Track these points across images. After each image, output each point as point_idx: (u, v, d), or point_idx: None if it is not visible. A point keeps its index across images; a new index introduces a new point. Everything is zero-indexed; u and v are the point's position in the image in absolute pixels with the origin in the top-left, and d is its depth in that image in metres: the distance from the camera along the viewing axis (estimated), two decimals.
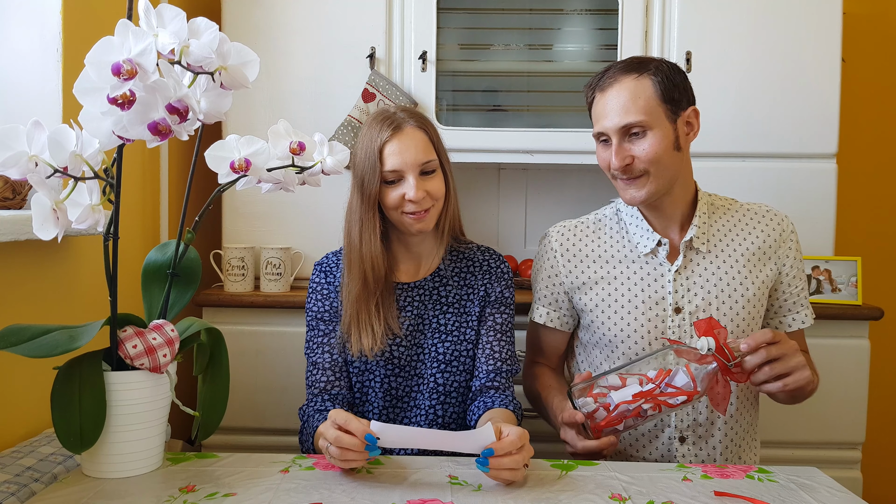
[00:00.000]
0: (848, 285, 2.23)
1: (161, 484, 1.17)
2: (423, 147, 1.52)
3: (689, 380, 1.35)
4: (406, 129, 1.52)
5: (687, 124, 1.56)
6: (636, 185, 1.55)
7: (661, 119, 1.51)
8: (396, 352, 1.56)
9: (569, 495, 1.15)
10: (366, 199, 1.54)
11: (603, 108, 1.55)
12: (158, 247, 1.30)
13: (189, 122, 1.00)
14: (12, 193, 1.45)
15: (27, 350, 1.06)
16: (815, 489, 1.21)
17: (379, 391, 1.57)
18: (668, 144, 1.51)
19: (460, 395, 1.58)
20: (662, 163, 1.52)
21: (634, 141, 1.52)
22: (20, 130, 0.96)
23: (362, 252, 1.54)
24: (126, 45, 0.94)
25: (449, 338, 1.58)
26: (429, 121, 1.59)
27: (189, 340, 1.29)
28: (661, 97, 1.51)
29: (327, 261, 1.66)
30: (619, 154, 1.52)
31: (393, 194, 1.52)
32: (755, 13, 2.27)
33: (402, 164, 1.50)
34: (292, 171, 1.24)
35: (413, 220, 1.52)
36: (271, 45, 2.29)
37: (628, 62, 1.55)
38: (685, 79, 1.56)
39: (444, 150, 1.60)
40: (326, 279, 1.63)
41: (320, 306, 1.60)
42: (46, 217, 0.97)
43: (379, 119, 1.55)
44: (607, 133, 1.54)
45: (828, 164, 2.30)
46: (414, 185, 1.49)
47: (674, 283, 1.59)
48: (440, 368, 1.56)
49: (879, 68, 2.77)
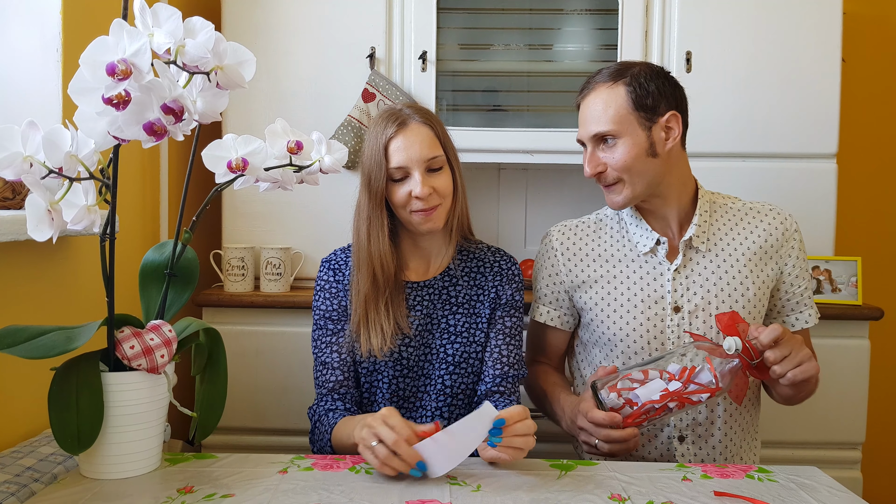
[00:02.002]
0: (848, 285, 2.23)
1: (159, 485, 1.17)
2: (428, 143, 1.51)
3: (713, 377, 1.36)
4: (411, 125, 1.52)
5: (666, 129, 1.56)
6: (613, 191, 1.59)
7: (632, 127, 1.53)
8: (405, 352, 1.55)
9: (568, 495, 1.15)
10: (373, 196, 1.53)
11: (581, 116, 1.60)
12: (156, 247, 1.30)
13: (185, 122, 1.00)
14: (12, 193, 1.45)
15: (24, 351, 1.05)
16: (815, 489, 1.21)
17: (386, 392, 1.56)
18: (639, 152, 1.53)
19: (467, 396, 1.58)
20: (634, 170, 1.54)
21: (606, 149, 1.56)
22: (15, 131, 0.96)
23: (370, 250, 1.54)
24: (121, 45, 0.93)
25: (458, 339, 1.57)
26: (435, 116, 1.58)
27: (187, 341, 1.28)
28: (633, 105, 1.53)
29: (335, 258, 1.64)
30: (592, 162, 1.58)
31: (400, 192, 1.51)
32: (755, 13, 2.27)
33: (408, 161, 1.49)
34: (290, 171, 1.24)
35: (421, 219, 1.51)
36: (271, 45, 2.29)
37: (611, 69, 1.58)
38: (665, 83, 1.56)
39: (453, 146, 1.59)
40: (335, 277, 1.61)
41: (328, 305, 1.59)
42: (41, 218, 0.97)
43: (385, 115, 1.55)
44: (583, 140, 1.59)
45: (828, 164, 2.30)
46: (420, 182, 1.48)
47: (673, 282, 1.59)
48: (448, 370, 1.55)
49: (879, 68, 2.77)
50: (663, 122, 1.54)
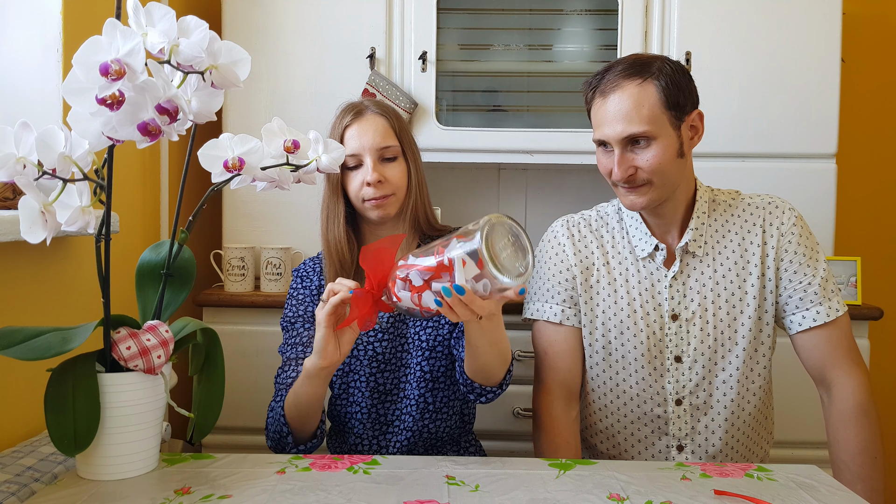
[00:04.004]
0: (847, 285, 2.22)
1: (156, 486, 1.16)
2: (382, 132, 1.55)
3: None
4: (367, 115, 1.57)
5: (691, 128, 1.51)
6: (637, 192, 1.50)
7: (665, 127, 1.45)
8: (380, 347, 1.56)
9: (567, 495, 1.15)
10: (330, 184, 1.59)
11: (604, 115, 1.48)
12: (152, 247, 1.30)
13: (179, 122, 0.99)
14: (12, 193, 1.45)
15: (19, 353, 1.05)
16: (815, 488, 1.20)
17: (365, 390, 1.56)
18: (672, 153, 1.47)
19: (448, 378, 1.58)
20: (666, 172, 1.47)
21: (637, 150, 1.47)
22: (7, 132, 0.96)
23: (328, 238, 1.59)
24: (114, 45, 0.93)
25: (430, 324, 1.57)
26: (393, 110, 1.62)
27: (185, 341, 1.28)
28: (665, 104, 1.44)
29: (304, 266, 1.67)
30: (622, 164, 1.47)
31: (354, 180, 1.55)
32: (755, 13, 2.27)
33: (360, 148, 1.53)
34: (287, 170, 1.24)
35: (372, 206, 1.54)
36: (271, 45, 2.29)
37: (631, 63, 1.48)
38: (689, 79, 1.50)
39: (411, 141, 1.63)
40: (302, 283, 1.64)
41: (294, 311, 1.61)
42: (34, 220, 0.96)
43: (343, 107, 1.61)
44: (609, 141, 1.48)
45: (827, 164, 2.30)
46: (371, 167, 1.52)
47: (670, 290, 1.56)
48: (425, 356, 1.55)
49: (879, 68, 2.76)
50: (690, 119, 1.50)
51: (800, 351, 1.58)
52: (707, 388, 1.56)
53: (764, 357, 1.58)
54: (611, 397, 1.60)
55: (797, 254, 1.56)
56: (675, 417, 1.56)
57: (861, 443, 1.50)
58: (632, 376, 1.58)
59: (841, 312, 1.54)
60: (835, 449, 1.53)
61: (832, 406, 1.54)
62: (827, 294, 1.55)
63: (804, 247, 1.57)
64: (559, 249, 1.65)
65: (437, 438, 1.59)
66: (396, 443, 1.57)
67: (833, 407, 1.54)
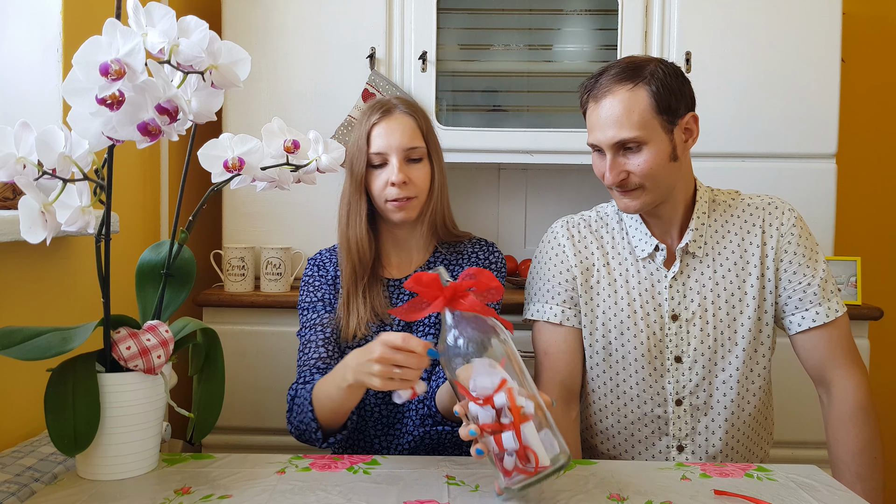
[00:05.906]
0: (847, 285, 2.22)
1: (156, 486, 1.16)
2: (409, 132, 1.55)
3: None
4: (395, 114, 1.56)
5: (685, 131, 1.51)
6: (630, 196, 1.51)
7: (656, 132, 1.45)
8: None
9: (567, 495, 1.15)
10: (354, 181, 1.58)
11: (596, 120, 1.49)
12: (152, 247, 1.30)
13: (179, 122, 0.99)
14: (12, 193, 1.45)
15: (19, 353, 1.05)
16: (814, 488, 1.20)
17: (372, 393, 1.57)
18: (663, 158, 1.47)
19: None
20: (658, 176, 1.48)
21: (629, 155, 1.47)
22: (7, 132, 0.96)
23: (349, 235, 1.58)
24: (114, 45, 0.93)
25: (432, 330, 1.58)
26: (421, 110, 1.61)
27: (185, 341, 1.28)
28: (656, 108, 1.44)
29: (321, 256, 1.67)
30: (614, 169, 1.48)
31: (378, 179, 1.55)
32: (755, 13, 2.27)
33: (387, 147, 1.53)
34: (287, 170, 1.24)
35: (395, 208, 1.54)
36: (271, 45, 2.29)
37: (623, 67, 1.48)
38: (683, 82, 1.50)
39: (436, 143, 1.62)
40: (319, 272, 1.64)
41: (312, 296, 1.61)
42: (34, 220, 0.96)
43: (372, 104, 1.60)
44: (601, 146, 1.50)
45: (827, 164, 2.30)
46: (396, 168, 1.52)
47: (670, 290, 1.56)
48: None
49: (879, 68, 2.76)
50: (684, 123, 1.49)
51: (799, 351, 1.58)
52: (707, 389, 1.56)
53: (764, 357, 1.58)
54: (611, 398, 1.60)
55: (797, 254, 1.56)
56: (675, 418, 1.56)
57: (860, 443, 1.50)
58: (632, 377, 1.58)
59: (840, 313, 1.55)
60: (834, 449, 1.53)
61: (832, 406, 1.54)
62: (826, 294, 1.55)
63: (804, 247, 1.57)
64: (559, 250, 1.65)
65: (440, 444, 1.58)
66: (398, 445, 1.57)
67: (832, 407, 1.54)
